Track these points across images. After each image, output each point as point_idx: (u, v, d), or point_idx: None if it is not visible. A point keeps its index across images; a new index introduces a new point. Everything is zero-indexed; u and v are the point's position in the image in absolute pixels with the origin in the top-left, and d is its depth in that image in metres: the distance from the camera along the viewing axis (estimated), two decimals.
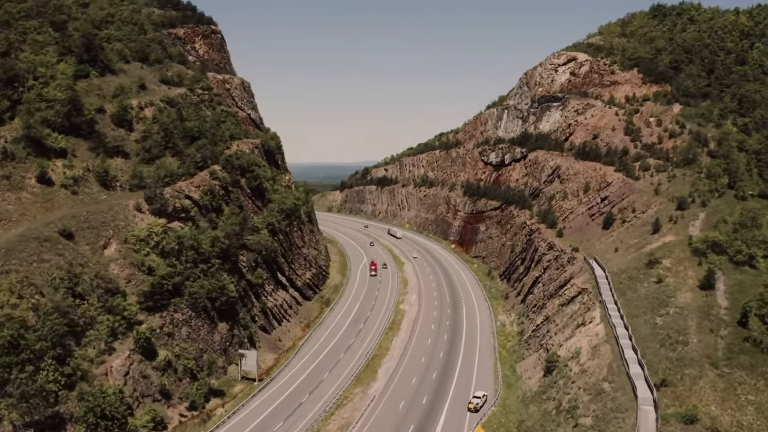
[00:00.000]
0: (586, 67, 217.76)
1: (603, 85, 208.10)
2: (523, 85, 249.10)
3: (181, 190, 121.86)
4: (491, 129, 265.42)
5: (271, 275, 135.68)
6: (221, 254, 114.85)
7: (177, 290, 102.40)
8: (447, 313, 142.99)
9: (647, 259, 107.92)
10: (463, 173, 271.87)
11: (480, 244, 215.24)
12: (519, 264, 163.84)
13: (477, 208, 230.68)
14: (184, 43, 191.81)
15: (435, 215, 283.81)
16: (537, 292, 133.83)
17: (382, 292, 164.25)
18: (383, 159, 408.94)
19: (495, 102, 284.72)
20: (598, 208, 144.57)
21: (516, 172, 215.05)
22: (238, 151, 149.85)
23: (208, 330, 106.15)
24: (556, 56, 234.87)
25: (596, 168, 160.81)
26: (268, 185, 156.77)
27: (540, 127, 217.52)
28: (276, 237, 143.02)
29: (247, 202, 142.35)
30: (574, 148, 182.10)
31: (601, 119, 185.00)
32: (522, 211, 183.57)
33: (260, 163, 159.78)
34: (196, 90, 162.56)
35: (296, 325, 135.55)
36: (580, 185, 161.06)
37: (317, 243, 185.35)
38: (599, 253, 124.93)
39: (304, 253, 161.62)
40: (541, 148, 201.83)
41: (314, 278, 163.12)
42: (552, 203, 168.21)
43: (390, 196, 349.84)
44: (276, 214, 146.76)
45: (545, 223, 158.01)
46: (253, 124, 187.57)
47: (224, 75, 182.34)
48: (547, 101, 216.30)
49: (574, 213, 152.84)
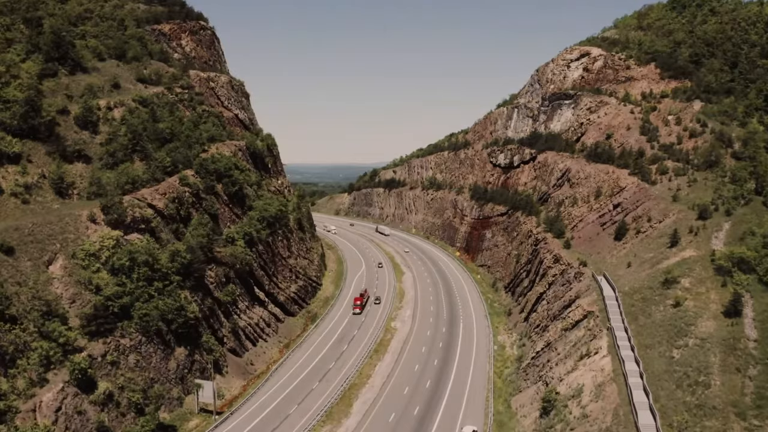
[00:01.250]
0: (600, 62, 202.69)
1: (618, 81, 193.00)
2: (535, 83, 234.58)
3: (143, 198, 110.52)
4: (501, 129, 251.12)
5: (246, 290, 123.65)
6: (182, 270, 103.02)
7: (125, 312, 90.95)
8: (442, 332, 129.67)
9: (663, 277, 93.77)
10: (472, 175, 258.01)
11: (486, 252, 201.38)
12: (524, 276, 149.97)
13: (484, 213, 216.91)
14: (170, 39, 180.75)
15: (442, 220, 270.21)
16: (540, 311, 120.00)
17: (375, 306, 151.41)
18: (392, 160, 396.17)
19: (506, 100, 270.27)
20: (610, 216, 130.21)
21: (525, 174, 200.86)
22: (215, 154, 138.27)
23: (161, 356, 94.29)
24: (568, 51, 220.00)
25: (609, 171, 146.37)
26: (250, 191, 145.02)
27: (551, 126, 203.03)
28: (254, 248, 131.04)
29: (223, 210, 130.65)
30: (586, 149, 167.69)
31: (615, 118, 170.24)
32: (529, 217, 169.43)
33: (244, 167, 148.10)
34: (175, 89, 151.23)
35: (274, 345, 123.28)
36: (591, 190, 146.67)
37: (308, 252, 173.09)
38: (610, 269, 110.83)
39: (290, 264, 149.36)
40: (552, 149, 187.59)
41: (301, 291, 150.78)
42: (561, 210, 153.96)
43: (398, 199, 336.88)
44: (256, 223, 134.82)
45: (552, 231, 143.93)
46: (240, 124, 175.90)
47: (209, 73, 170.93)
48: (558, 99, 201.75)
49: (583, 221, 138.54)
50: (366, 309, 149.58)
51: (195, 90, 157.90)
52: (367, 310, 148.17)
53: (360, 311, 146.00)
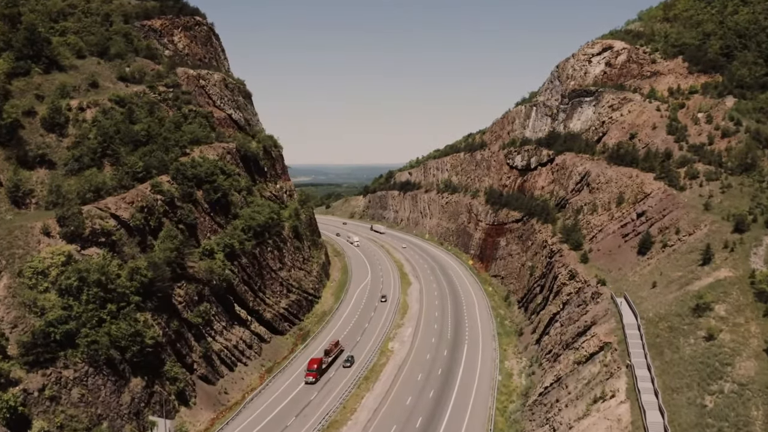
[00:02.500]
0: (623, 56, 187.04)
1: (643, 76, 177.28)
2: (554, 79, 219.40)
3: (106, 207, 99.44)
4: (518, 128, 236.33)
5: (223, 309, 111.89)
6: (143, 289, 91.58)
7: (70, 339, 79.77)
8: (443, 355, 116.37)
9: (694, 302, 79.47)
10: (488, 178, 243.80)
11: (500, 262, 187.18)
12: (537, 292, 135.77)
13: (499, 218, 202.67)
14: (160, 35, 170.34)
15: (456, 225, 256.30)
16: (553, 334, 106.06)
17: (374, 324, 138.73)
18: (408, 162, 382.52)
19: (525, 98, 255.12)
20: (633, 227, 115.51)
21: (542, 178, 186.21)
22: (198, 157, 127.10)
23: (112, 389, 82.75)
24: (589, 45, 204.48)
25: (632, 175, 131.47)
26: (237, 197, 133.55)
27: (570, 125, 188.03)
28: (236, 261, 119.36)
29: (202, 220, 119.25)
30: (607, 151, 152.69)
31: (640, 116, 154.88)
32: (544, 225, 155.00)
33: (231, 171, 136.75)
34: (158, 87, 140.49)
35: (255, 369, 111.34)
36: (612, 196, 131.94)
37: (306, 262, 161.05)
38: (632, 289, 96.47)
39: (281, 278, 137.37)
40: (570, 150, 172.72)
41: (294, 306, 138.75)
42: (579, 217, 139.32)
43: (412, 203, 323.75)
44: (240, 233, 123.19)
45: (569, 242, 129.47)
46: (234, 125, 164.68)
47: (200, 70, 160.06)
48: (579, 96, 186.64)
49: (603, 231, 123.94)
50: (337, 365, 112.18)
51: (182, 88, 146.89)
52: (363, 328, 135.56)
53: (314, 380, 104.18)
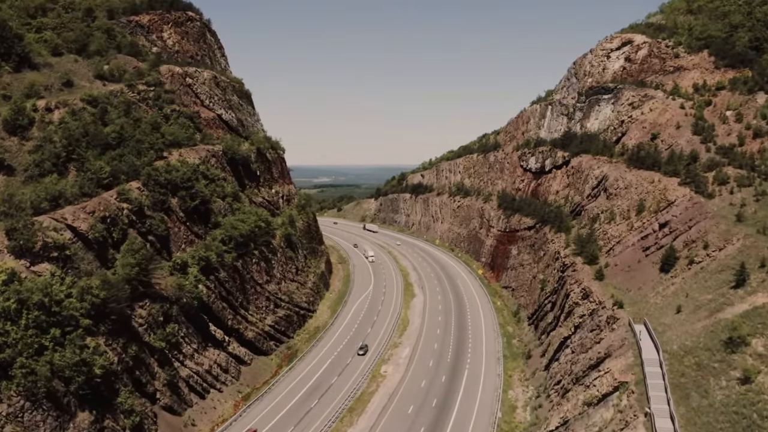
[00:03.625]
0: (644, 50, 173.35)
1: (665, 71, 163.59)
2: (571, 77, 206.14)
3: (63, 218, 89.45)
4: (533, 129, 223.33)
5: (195, 329, 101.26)
6: (95, 311, 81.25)
7: (4, 370, 69.82)
8: (440, 382, 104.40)
9: (727, 334, 66.99)
10: (501, 181, 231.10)
11: (511, 272, 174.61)
12: (548, 309, 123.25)
13: (510, 225, 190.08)
14: (148, 31, 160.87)
15: (468, 230, 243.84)
16: (563, 361, 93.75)
17: (369, 342, 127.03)
18: (421, 163, 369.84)
19: (541, 97, 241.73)
20: (655, 239, 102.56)
21: (557, 181, 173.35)
22: (177, 161, 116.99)
23: (53, 426, 72.43)
24: (608, 40, 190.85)
25: (654, 180, 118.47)
26: (220, 204, 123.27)
27: (587, 125, 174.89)
28: (213, 275, 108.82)
29: (177, 230, 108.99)
30: (627, 152, 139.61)
31: (662, 114, 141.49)
32: (557, 234, 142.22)
33: (215, 176, 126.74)
34: (137, 86, 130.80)
35: (230, 396, 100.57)
36: (632, 203, 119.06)
37: (300, 273, 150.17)
38: (653, 313, 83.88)
39: (268, 292, 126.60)
40: (587, 151, 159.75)
41: (282, 323, 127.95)
42: (595, 226, 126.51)
43: (424, 206, 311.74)
44: (219, 244, 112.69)
45: (583, 255, 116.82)
46: (224, 126, 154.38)
47: (187, 68, 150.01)
48: (596, 93, 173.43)
49: (621, 243, 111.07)
50: None
51: (165, 87, 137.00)
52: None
53: None
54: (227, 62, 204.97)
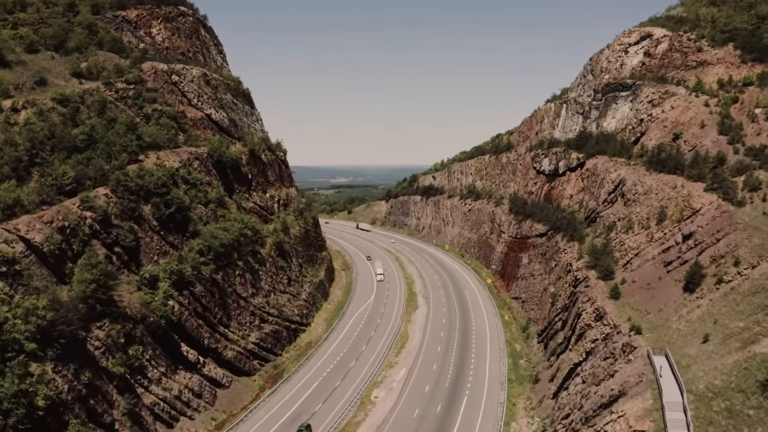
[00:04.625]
0: (664, 44, 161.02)
1: (687, 66, 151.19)
2: (587, 74, 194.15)
3: (16, 229, 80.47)
4: (547, 128, 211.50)
5: (163, 351, 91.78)
6: (41, 334, 72.08)
7: None
8: (435, 413, 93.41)
9: (764, 373, 55.88)
10: (513, 183, 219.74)
11: (521, 282, 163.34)
12: (558, 328, 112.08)
13: (522, 231, 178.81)
14: (136, 27, 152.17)
15: (478, 235, 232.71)
16: (573, 392, 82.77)
17: (362, 361, 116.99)
18: (433, 164, 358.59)
19: (556, 96, 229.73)
20: (678, 253, 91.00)
21: (570, 185, 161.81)
22: (154, 165, 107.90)
23: None
24: (626, 34, 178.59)
25: (676, 185, 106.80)
26: (200, 211, 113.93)
27: (603, 124, 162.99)
28: (188, 290, 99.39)
29: (149, 240, 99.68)
30: (647, 154, 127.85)
31: (685, 112, 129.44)
32: (570, 244, 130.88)
33: (197, 180, 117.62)
34: (116, 84, 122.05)
35: (203, 425, 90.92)
36: (652, 211, 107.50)
37: (293, 283, 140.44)
38: (675, 341, 72.67)
39: (253, 306, 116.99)
40: (603, 152, 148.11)
41: (269, 339, 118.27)
42: (611, 236, 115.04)
43: (435, 209, 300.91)
44: (195, 256, 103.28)
45: (597, 269, 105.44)
46: (214, 126, 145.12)
47: (174, 65, 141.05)
48: (613, 91, 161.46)
49: (640, 257, 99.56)
50: None
51: (146, 85, 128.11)
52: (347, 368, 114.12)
53: None
54: (225, 59, 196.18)
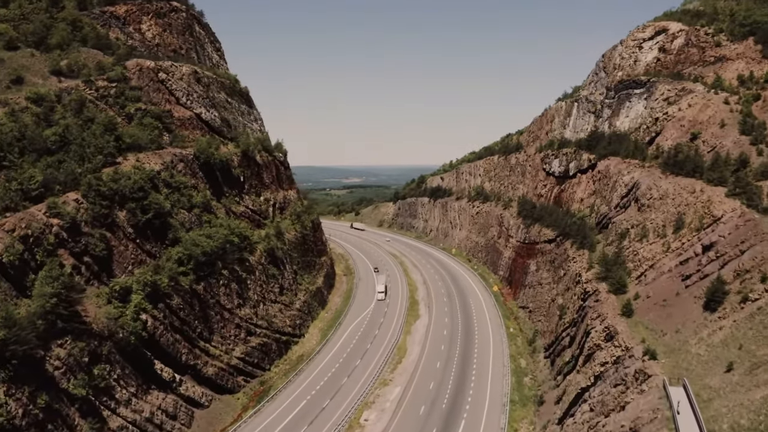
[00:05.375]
0: (680, 39, 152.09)
1: (705, 62, 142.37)
2: (600, 71, 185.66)
3: None
4: (558, 128, 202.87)
5: (134, 369, 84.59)
6: None
7: None
8: None
9: None
10: (522, 185, 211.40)
11: (528, 290, 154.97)
12: (566, 344, 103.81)
13: (530, 236, 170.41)
14: (124, 23, 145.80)
15: (486, 239, 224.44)
16: (579, 420, 74.56)
17: (356, 377, 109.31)
18: (441, 165, 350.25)
19: (567, 94, 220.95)
20: (698, 265, 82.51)
21: (581, 188, 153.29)
22: (132, 167, 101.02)
23: None
24: (640, 29, 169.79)
25: (695, 189, 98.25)
26: (183, 217, 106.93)
27: (616, 123, 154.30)
28: (165, 302, 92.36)
29: (123, 249, 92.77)
30: (662, 155, 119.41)
31: (704, 110, 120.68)
32: (580, 252, 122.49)
33: (180, 184, 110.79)
34: (97, 82, 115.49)
35: None
36: (668, 217, 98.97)
37: (285, 293, 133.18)
38: (695, 369, 64.33)
39: (239, 318, 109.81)
40: (616, 153, 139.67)
41: (256, 353, 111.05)
42: (623, 244, 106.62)
43: (442, 211, 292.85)
44: (173, 265, 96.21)
45: (609, 281, 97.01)
46: (205, 126, 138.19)
47: (162, 62, 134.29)
48: (627, 88, 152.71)
49: (656, 269, 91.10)
50: None
51: (130, 83, 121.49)
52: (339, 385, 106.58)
53: None
54: (223, 57, 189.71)
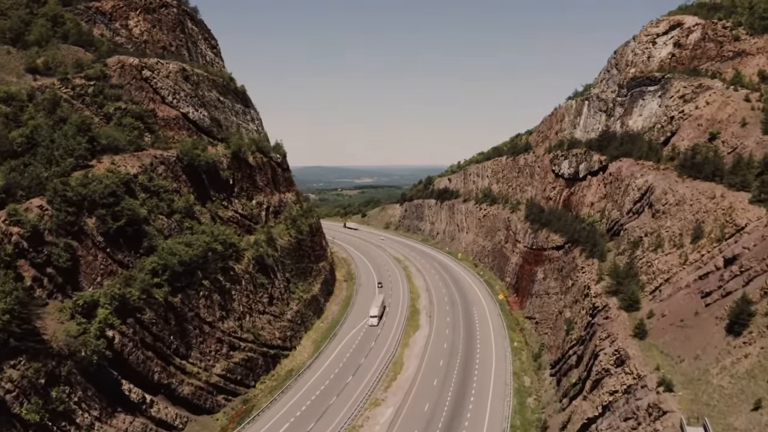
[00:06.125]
0: (696, 33, 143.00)
1: (723, 57, 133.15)
2: (611, 68, 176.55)
3: None
4: (568, 128, 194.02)
5: (97, 391, 77.45)
6: None
7: None
8: None
9: None
10: (530, 188, 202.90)
11: (535, 300, 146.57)
12: (573, 363, 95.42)
13: (538, 242, 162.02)
14: (111, 19, 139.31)
15: (492, 244, 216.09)
16: None
17: (345, 395, 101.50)
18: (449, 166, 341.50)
19: (578, 92, 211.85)
20: (719, 281, 73.99)
21: (591, 191, 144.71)
22: (106, 171, 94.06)
23: None
24: (653, 24, 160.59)
25: (715, 194, 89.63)
26: (161, 223, 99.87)
27: (629, 123, 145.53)
28: (135, 317, 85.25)
29: (92, 259, 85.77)
30: (678, 156, 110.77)
31: (722, 108, 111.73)
32: (589, 261, 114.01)
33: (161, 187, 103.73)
34: (74, 80, 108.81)
35: None
36: (685, 226, 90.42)
37: (274, 303, 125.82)
38: (716, 405, 56.07)
39: (221, 331, 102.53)
40: (628, 154, 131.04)
41: (240, 369, 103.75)
42: (636, 254, 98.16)
43: (449, 214, 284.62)
44: (145, 277, 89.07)
45: (620, 296, 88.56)
46: (192, 126, 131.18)
47: (147, 59, 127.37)
48: (640, 85, 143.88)
49: (672, 283, 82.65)
50: None
51: (111, 81, 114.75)
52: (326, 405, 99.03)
53: None
54: (218, 55, 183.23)
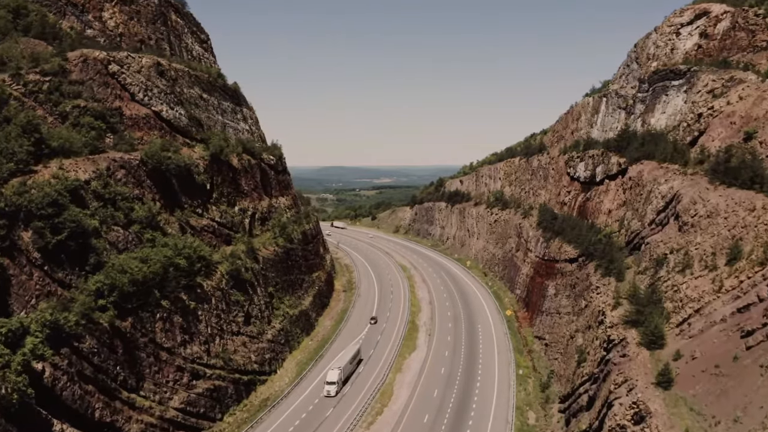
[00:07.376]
0: (725, 22, 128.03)
1: (755, 47, 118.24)
2: (632, 62, 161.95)
3: None
4: (585, 127, 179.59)
5: None
6: None
7: None
8: None
9: None
10: (544, 191, 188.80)
11: (546, 318, 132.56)
12: (584, 404, 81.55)
13: (550, 252, 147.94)
14: (82, 11, 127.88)
15: (503, 251, 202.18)
16: None
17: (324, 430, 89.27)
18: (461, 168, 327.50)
19: (595, 89, 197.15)
20: (764, 317, 59.86)
21: (609, 197, 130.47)
22: (50, 177, 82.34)
23: None
24: (677, 14, 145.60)
25: (755, 205, 75.37)
26: (114, 237, 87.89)
27: (651, 121, 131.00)
28: (71, 347, 73.23)
29: (26, 278, 73.81)
30: (708, 159, 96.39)
31: (758, 104, 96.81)
32: (605, 280, 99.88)
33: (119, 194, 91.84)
34: (27, 76, 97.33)
35: None
36: (719, 243, 76.26)
37: (252, 322, 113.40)
38: None
39: (182, 358, 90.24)
40: (650, 157, 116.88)
41: (203, 401, 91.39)
42: (660, 275, 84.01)
43: (460, 218, 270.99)
44: (86, 299, 76.94)
45: (640, 328, 74.57)
46: (166, 126, 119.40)
47: (115, 53, 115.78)
48: (663, 79, 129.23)
49: (704, 314, 68.57)
50: None
51: (70, 77, 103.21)
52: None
53: None
54: (208, 50, 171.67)
